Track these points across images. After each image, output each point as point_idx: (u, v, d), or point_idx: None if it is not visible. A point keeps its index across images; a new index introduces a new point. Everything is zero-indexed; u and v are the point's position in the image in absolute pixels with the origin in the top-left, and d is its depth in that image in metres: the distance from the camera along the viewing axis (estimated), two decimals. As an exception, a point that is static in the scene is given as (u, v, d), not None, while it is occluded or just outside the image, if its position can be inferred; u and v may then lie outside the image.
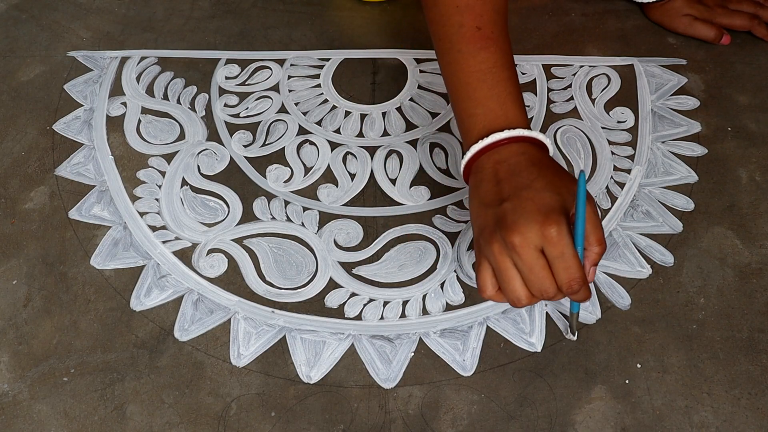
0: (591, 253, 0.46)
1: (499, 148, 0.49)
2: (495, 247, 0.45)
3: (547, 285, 0.44)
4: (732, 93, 0.69)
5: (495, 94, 0.51)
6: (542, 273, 0.44)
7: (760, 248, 0.57)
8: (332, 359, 0.52)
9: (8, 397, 0.50)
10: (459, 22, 0.53)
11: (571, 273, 0.44)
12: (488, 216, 0.46)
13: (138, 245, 0.59)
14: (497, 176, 0.48)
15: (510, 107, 0.50)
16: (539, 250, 0.44)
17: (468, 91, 0.52)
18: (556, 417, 0.49)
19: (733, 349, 0.52)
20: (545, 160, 0.48)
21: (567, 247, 0.43)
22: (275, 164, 0.64)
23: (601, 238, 0.46)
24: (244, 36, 0.76)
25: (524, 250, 0.43)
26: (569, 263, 0.43)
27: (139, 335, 0.54)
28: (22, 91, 0.71)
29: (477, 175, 0.49)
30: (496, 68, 0.51)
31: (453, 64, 0.53)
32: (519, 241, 0.43)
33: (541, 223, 0.43)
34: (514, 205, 0.45)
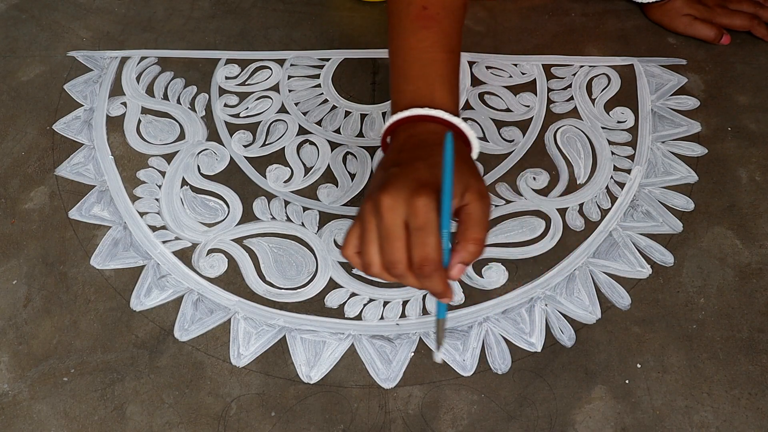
0: (462, 248, 0.42)
1: (415, 123, 0.48)
2: (367, 205, 0.43)
3: (398, 256, 0.42)
4: (732, 93, 0.69)
5: (425, 74, 0.51)
6: (397, 243, 0.42)
7: (760, 248, 0.57)
8: (332, 359, 0.52)
9: (8, 397, 0.50)
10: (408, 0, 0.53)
11: (426, 250, 0.41)
12: (378, 179, 0.45)
13: (138, 245, 0.59)
14: (403, 146, 0.47)
15: (437, 88, 0.50)
16: (403, 220, 0.42)
17: (403, 67, 0.52)
18: (556, 417, 0.49)
19: (733, 349, 0.52)
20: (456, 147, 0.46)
21: (429, 222, 0.41)
22: (275, 164, 0.64)
23: (479, 239, 0.42)
24: (244, 36, 0.76)
25: (388, 213, 0.42)
26: (426, 239, 0.41)
27: (139, 335, 0.54)
28: (22, 91, 0.71)
29: (391, 143, 0.49)
30: (432, 48, 0.51)
31: (395, 40, 0.53)
32: (386, 203, 0.42)
33: (413, 191, 0.41)
34: (401, 171, 0.44)
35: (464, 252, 0.43)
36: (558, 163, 0.64)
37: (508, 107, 0.69)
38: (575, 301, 0.55)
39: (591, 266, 0.57)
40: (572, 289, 0.55)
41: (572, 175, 0.63)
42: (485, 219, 0.43)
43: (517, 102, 0.69)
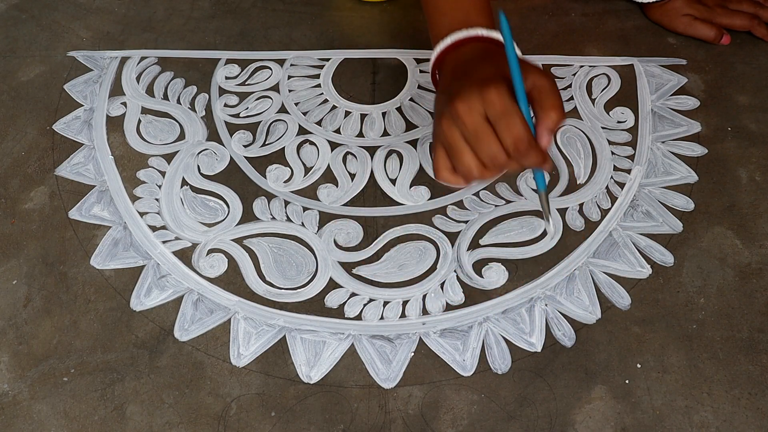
0: (545, 116, 0.45)
1: (459, 47, 0.50)
2: (444, 122, 0.45)
3: (494, 149, 0.43)
4: (732, 93, 0.69)
5: (458, 5, 0.53)
6: (488, 138, 0.43)
7: (760, 248, 0.57)
8: (332, 359, 0.52)
9: (8, 397, 0.50)
10: None
11: (514, 131, 0.43)
12: (442, 101, 0.47)
13: (138, 245, 0.59)
14: (455, 70, 0.49)
15: (472, 14, 0.52)
16: (483, 116, 0.43)
17: (435, 3, 0.54)
18: (556, 417, 0.49)
19: (733, 349, 0.52)
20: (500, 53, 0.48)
21: (508, 105, 0.43)
22: (275, 164, 0.64)
23: (556, 104, 0.44)
24: (244, 36, 0.76)
25: (467, 116, 0.43)
26: (511, 121, 0.43)
27: (139, 335, 0.54)
28: (22, 91, 0.71)
29: (441, 74, 0.51)
30: None
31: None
32: (462, 108, 0.43)
33: (480, 86, 0.43)
34: (461, 83, 0.45)
35: (547, 119, 0.45)
36: (558, 163, 0.64)
37: (508, 107, 0.68)
38: (575, 301, 0.55)
39: (591, 266, 0.57)
40: (572, 289, 0.55)
41: (572, 175, 0.63)
42: (555, 89, 0.45)
43: (517, 102, 0.69)
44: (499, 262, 0.57)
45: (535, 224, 0.59)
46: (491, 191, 0.62)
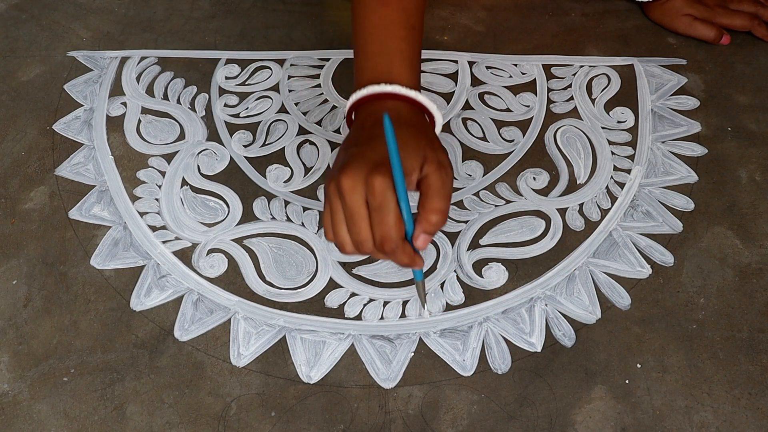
0: (423, 219, 0.44)
1: (374, 101, 0.49)
2: (330, 187, 0.44)
3: (363, 236, 0.43)
4: (732, 93, 0.69)
5: (384, 51, 0.51)
6: (361, 223, 0.43)
7: (760, 248, 0.57)
8: (332, 359, 0.52)
9: (8, 397, 0.50)
10: None
11: (384, 229, 0.42)
12: (339, 158, 0.46)
13: (138, 245, 0.59)
14: (363, 125, 0.48)
15: (396, 64, 0.50)
16: (364, 199, 0.43)
17: (363, 44, 0.52)
18: (556, 417, 0.49)
19: (733, 349, 0.52)
20: (414, 120, 0.48)
21: (387, 201, 0.42)
22: (275, 164, 0.64)
23: (440, 209, 0.43)
24: (244, 36, 0.76)
25: (348, 194, 0.43)
26: (385, 218, 0.42)
27: (139, 335, 0.54)
28: (22, 91, 0.71)
29: (353, 122, 0.50)
30: (392, 26, 0.52)
31: (356, 18, 0.53)
32: (346, 184, 0.43)
33: (370, 170, 0.42)
34: (358, 151, 0.44)
35: (425, 223, 0.44)
36: (558, 163, 0.64)
37: (508, 107, 0.69)
38: (575, 301, 0.55)
39: (591, 266, 0.57)
40: (572, 289, 0.55)
41: (572, 175, 0.63)
42: (445, 188, 0.44)
43: (517, 102, 0.69)
44: (499, 262, 0.57)
45: (535, 224, 0.59)
46: (491, 191, 0.62)
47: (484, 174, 0.63)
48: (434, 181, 0.44)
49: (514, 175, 0.63)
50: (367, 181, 0.42)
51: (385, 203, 0.42)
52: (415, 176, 0.44)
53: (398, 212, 0.43)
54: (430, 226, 0.44)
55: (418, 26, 0.53)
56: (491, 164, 0.64)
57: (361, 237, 0.43)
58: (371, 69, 0.51)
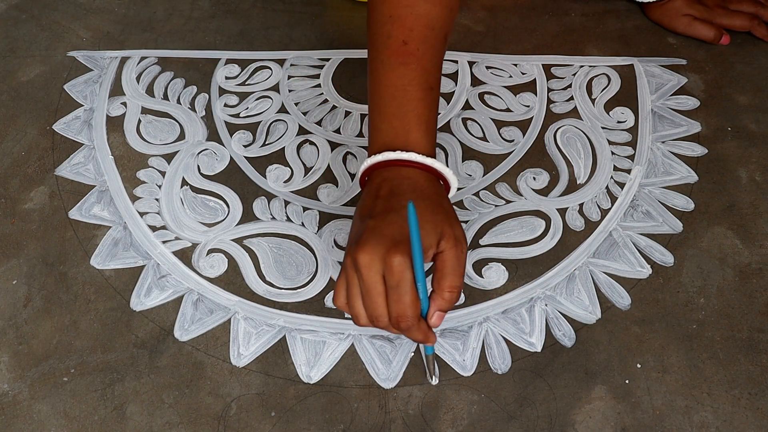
0: (438, 296, 0.44)
1: (390, 167, 0.48)
2: (347, 260, 0.44)
3: (379, 312, 0.43)
4: (732, 93, 0.69)
5: (401, 113, 0.50)
6: (377, 299, 0.43)
7: (760, 248, 0.57)
8: (332, 359, 0.52)
9: (8, 397, 0.50)
10: (388, 33, 0.51)
11: (401, 307, 0.43)
12: (356, 228, 0.46)
13: (138, 245, 0.59)
14: (378, 193, 0.47)
15: (413, 129, 0.49)
16: (381, 276, 0.43)
17: (380, 104, 0.51)
18: (556, 417, 0.49)
19: (733, 349, 0.52)
20: (430, 191, 0.47)
21: (404, 280, 0.42)
22: (275, 164, 0.64)
23: (454, 286, 0.44)
24: (244, 36, 0.76)
25: (366, 270, 0.43)
26: (402, 297, 0.43)
27: (139, 335, 0.54)
28: (22, 91, 0.71)
29: (366, 187, 0.49)
30: (411, 86, 0.50)
31: (373, 74, 0.52)
32: (363, 260, 0.43)
33: (388, 248, 0.42)
34: (375, 224, 0.44)
35: (440, 300, 0.45)
36: (558, 163, 0.64)
37: (508, 107, 0.69)
38: (575, 301, 0.55)
39: (591, 266, 0.57)
40: (572, 289, 0.55)
41: (572, 175, 0.63)
42: (460, 266, 0.45)
43: (517, 102, 0.69)
44: (499, 262, 0.57)
45: (535, 224, 0.59)
46: (491, 191, 0.62)
47: (484, 174, 0.63)
48: (450, 259, 0.44)
49: (514, 175, 0.63)
50: (385, 259, 0.42)
51: (402, 282, 0.42)
52: (432, 252, 0.45)
53: (415, 291, 0.43)
54: (445, 303, 0.44)
55: (436, 86, 0.52)
56: (491, 164, 0.64)
57: (377, 313, 0.44)
58: (387, 131, 0.50)
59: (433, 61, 0.52)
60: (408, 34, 0.51)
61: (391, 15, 0.51)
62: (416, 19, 0.51)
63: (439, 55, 0.53)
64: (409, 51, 0.51)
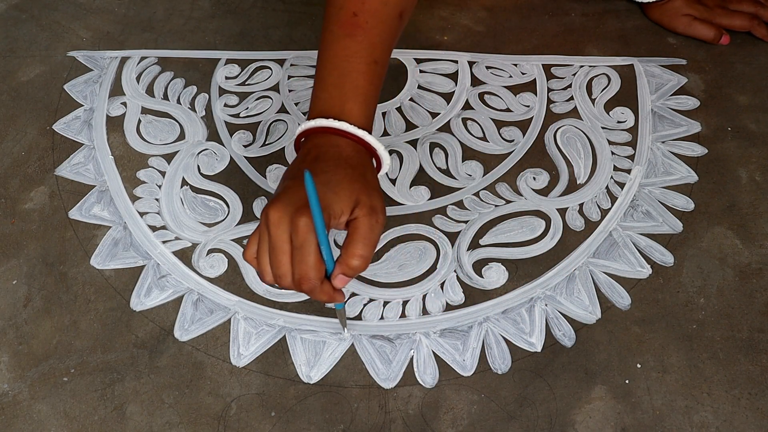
0: (344, 261, 0.45)
1: (322, 134, 0.49)
2: (262, 216, 0.45)
3: (283, 271, 0.44)
4: (732, 93, 0.69)
5: (341, 83, 0.50)
6: (282, 258, 0.44)
7: (760, 248, 0.57)
8: (332, 359, 0.52)
9: (8, 397, 0.50)
10: (341, 4, 0.52)
11: (303, 268, 0.43)
12: (279, 186, 0.47)
13: (138, 245, 0.59)
14: (305, 157, 0.48)
15: (350, 99, 0.50)
16: (288, 235, 0.43)
17: (322, 73, 0.52)
18: (556, 417, 0.49)
19: (733, 349, 0.52)
20: (353, 161, 0.48)
21: (308, 241, 0.43)
22: (275, 164, 0.64)
23: (362, 255, 0.44)
24: (244, 36, 0.76)
25: (274, 228, 0.43)
26: (305, 258, 0.43)
27: (139, 335, 0.54)
28: (22, 91, 0.71)
29: (299, 151, 0.50)
30: (354, 58, 0.51)
31: (322, 44, 0.53)
32: (273, 218, 0.43)
33: (297, 209, 0.43)
34: (292, 185, 0.45)
35: (345, 265, 0.45)
36: (558, 163, 0.64)
37: (508, 107, 0.69)
38: (575, 301, 0.55)
39: (591, 266, 0.57)
40: (572, 289, 0.55)
41: (572, 175, 0.63)
42: (372, 235, 0.45)
43: (517, 102, 0.69)
44: (499, 262, 0.57)
45: (535, 224, 0.59)
46: (491, 191, 0.62)
47: (484, 174, 0.63)
48: (362, 226, 0.45)
49: (514, 175, 0.63)
50: (292, 218, 0.43)
51: (306, 243, 0.43)
52: (344, 218, 0.45)
53: (318, 253, 0.44)
54: (350, 269, 0.45)
55: (381, 61, 0.52)
56: (491, 164, 0.64)
57: (281, 271, 0.44)
58: (325, 100, 0.51)
59: (381, 36, 0.52)
60: (359, 7, 0.51)
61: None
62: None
63: (389, 31, 0.53)
64: (358, 23, 0.51)
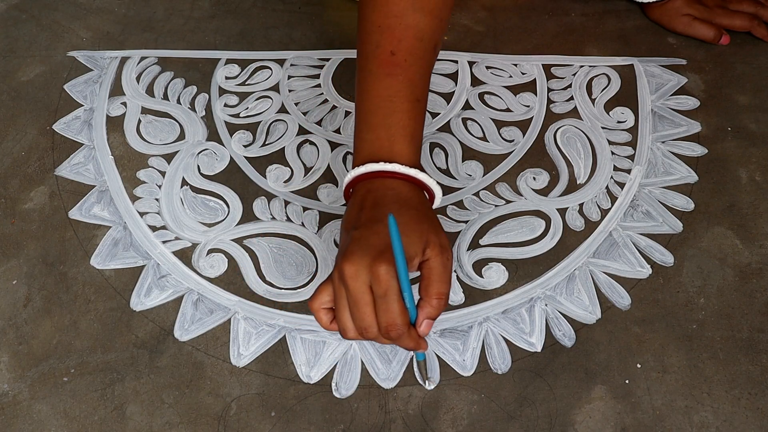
0: (426, 304, 0.44)
1: (374, 178, 0.48)
2: (335, 272, 0.44)
3: (368, 323, 0.43)
4: (732, 93, 0.69)
5: (387, 124, 0.50)
6: (365, 309, 0.43)
7: (760, 248, 0.57)
8: (332, 359, 0.52)
9: (8, 397, 0.50)
10: (377, 42, 0.51)
11: (389, 317, 0.43)
12: (343, 241, 0.46)
13: (138, 245, 0.59)
14: (363, 204, 0.47)
15: (398, 140, 0.49)
16: (368, 286, 0.43)
17: (365, 114, 0.51)
18: (556, 417, 0.49)
19: (733, 349, 0.52)
20: (414, 201, 0.47)
21: (391, 289, 0.42)
22: (275, 164, 0.64)
23: (441, 293, 0.44)
24: (244, 36, 0.76)
25: (352, 281, 0.43)
26: (390, 306, 0.42)
27: (139, 335, 0.54)
28: (22, 91, 0.71)
29: (351, 199, 0.49)
30: (397, 97, 0.50)
31: (361, 84, 0.52)
32: (350, 271, 0.43)
33: (374, 258, 0.42)
34: (360, 235, 0.44)
35: (429, 307, 0.44)
36: (558, 163, 0.64)
37: (508, 107, 0.69)
38: (575, 301, 0.55)
39: (591, 266, 0.57)
40: (572, 289, 0.55)
41: (572, 175, 0.63)
42: (446, 273, 0.45)
43: (517, 102, 0.69)
44: (499, 262, 0.57)
45: (535, 224, 0.59)
46: (491, 191, 0.62)
47: (484, 174, 0.63)
48: (436, 266, 0.44)
49: (514, 175, 0.63)
50: (371, 268, 0.42)
51: (389, 291, 0.42)
52: (417, 260, 0.45)
53: (402, 300, 0.43)
54: (433, 310, 0.44)
55: (422, 98, 0.52)
56: (491, 164, 0.64)
57: (365, 324, 0.43)
58: (371, 142, 0.50)
59: (420, 73, 0.52)
60: (396, 45, 0.51)
61: (380, 25, 0.51)
62: (405, 29, 0.51)
63: (427, 66, 0.53)
64: (396, 62, 0.51)
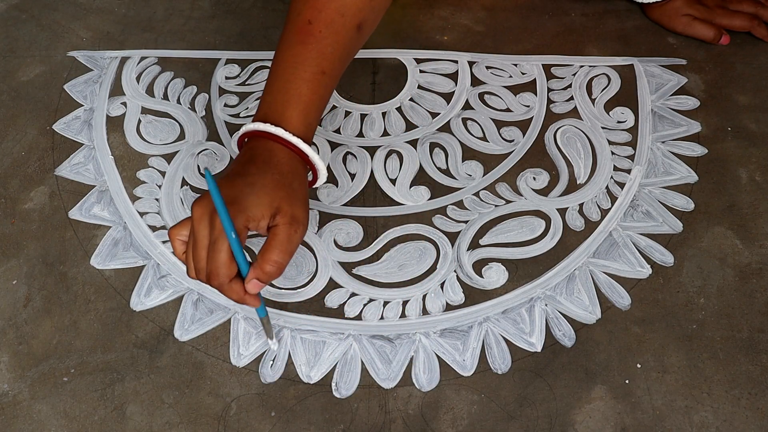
0: (258, 266, 0.45)
1: (261, 137, 0.50)
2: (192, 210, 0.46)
3: (201, 266, 0.45)
4: (732, 93, 0.69)
5: (285, 89, 0.51)
6: (201, 253, 0.45)
7: (760, 248, 0.57)
8: (332, 359, 0.52)
9: (8, 397, 0.50)
10: (299, 10, 0.52)
11: (214, 265, 0.44)
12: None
13: (138, 245, 0.59)
14: (241, 158, 0.49)
15: (290, 107, 0.50)
16: (209, 230, 0.45)
17: (272, 77, 0.52)
18: (556, 417, 0.49)
19: (733, 349, 0.52)
20: (283, 168, 0.48)
21: (221, 238, 0.44)
22: (275, 164, 0.64)
23: (277, 261, 0.45)
24: (244, 36, 0.76)
25: (196, 223, 0.45)
26: (217, 255, 0.44)
27: (139, 335, 0.54)
28: (22, 91, 0.71)
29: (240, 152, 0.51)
30: (302, 66, 0.51)
31: (277, 48, 0.54)
32: (196, 213, 0.45)
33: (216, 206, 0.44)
34: (221, 184, 0.46)
35: (259, 270, 0.45)
36: (558, 163, 0.64)
37: (508, 107, 0.69)
38: (575, 301, 0.55)
39: (591, 266, 0.57)
40: (572, 289, 0.55)
41: (572, 175, 0.63)
42: (290, 244, 0.46)
43: (517, 102, 0.69)
44: (499, 262, 0.57)
45: (535, 224, 0.59)
46: (491, 191, 0.62)
47: (484, 174, 0.63)
48: (280, 234, 0.46)
49: (514, 175, 0.63)
50: (213, 215, 0.44)
51: (219, 240, 0.44)
52: (264, 222, 0.46)
53: (229, 252, 0.44)
54: (263, 274, 0.45)
55: (330, 72, 0.52)
56: (491, 164, 0.64)
57: (199, 265, 0.45)
58: (269, 104, 0.51)
59: (334, 47, 0.52)
60: (315, 15, 0.52)
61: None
62: (328, 1, 0.52)
63: (343, 42, 0.53)
64: (311, 31, 0.52)
